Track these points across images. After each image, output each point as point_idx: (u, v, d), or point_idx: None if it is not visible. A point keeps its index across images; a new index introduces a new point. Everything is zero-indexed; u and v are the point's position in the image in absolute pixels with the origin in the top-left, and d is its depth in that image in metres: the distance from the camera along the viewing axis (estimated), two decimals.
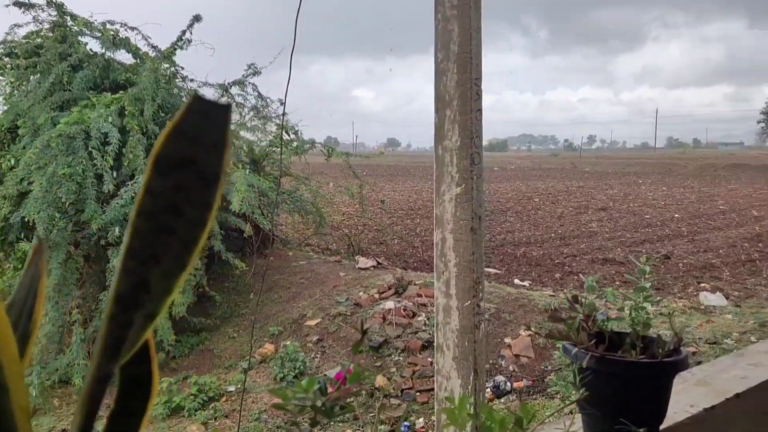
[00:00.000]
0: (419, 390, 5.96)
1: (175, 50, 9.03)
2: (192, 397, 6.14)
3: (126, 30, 8.69)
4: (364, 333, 0.70)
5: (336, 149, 10.87)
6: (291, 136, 10.23)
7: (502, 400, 5.64)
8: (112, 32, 8.58)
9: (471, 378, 2.14)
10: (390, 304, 7.22)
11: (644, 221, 16.02)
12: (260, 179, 8.61)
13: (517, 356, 6.25)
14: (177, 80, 9.10)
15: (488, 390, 5.71)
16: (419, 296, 7.44)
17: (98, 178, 7.09)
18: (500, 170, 42.20)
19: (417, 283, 7.85)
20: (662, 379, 1.18)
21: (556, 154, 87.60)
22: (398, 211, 17.45)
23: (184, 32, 9.03)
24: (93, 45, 8.67)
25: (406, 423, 5.48)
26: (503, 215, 17.39)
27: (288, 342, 7.03)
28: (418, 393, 5.93)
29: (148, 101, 7.70)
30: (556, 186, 27.52)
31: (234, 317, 8.31)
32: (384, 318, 6.98)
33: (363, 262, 9.29)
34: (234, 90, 9.60)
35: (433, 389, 2.20)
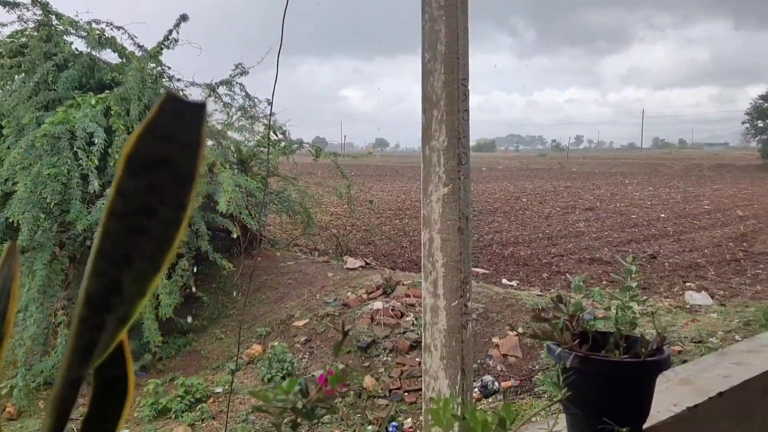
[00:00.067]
0: (407, 390, 5.96)
1: (162, 50, 8.98)
2: (179, 399, 6.10)
3: (112, 29, 8.62)
4: (345, 334, 0.69)
5: (324, 149, 10.87)
6: (279, 136, 10.21)
7: (490, 400, 5.66)
8: (98, 31, 8.51)
9: (458, 378, 2.14)
10: (378, 305, 7.21)
11: (631, 221, 16.14)
12: (248, 179, 8.58)
13: (505, 356, 6.27)
14: (163, 80, 9.04)
15: (476, 390, 5.72)
16: (407, 296, 7.44)
17: (84, 179, 7.03)
18: (488, 170, 42.35)
19: (405, 283, 7.85)
20: (645, 379, 1.19)
21: (544, 155, 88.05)
22: (387, 211, 17.46)
23: (171, 32, 8.98)
24: (78, 44, 8.61)
25: (394, 423, 5.48)
26: (491, 215, 17.44)
27: (276, 343, 7.00)
28: (406, 393, 5.93)
29: (134, 101, 7.65)
30: (544, 186, 27.66)
31: (221, 318, 8.27)
32: (372, 318, 6.98)
33: (351, 263, 9.28)
34: (221, 90, 9.56)
35: (421, 389, 2.21)
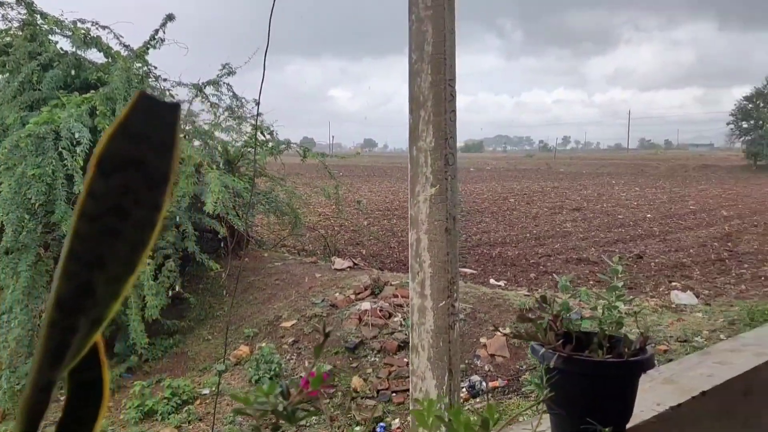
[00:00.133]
0: (395, 390, 5.96)
1: (148, 49, 8.93)
2: (165, 401, 6.06)
3: (97, 29, 8.57)
4: (327, 336, 0.69)
5: (312, 150, 10.85)
6: (266, 137, 10.18)
7: (478, 400, 5.67)
8: (83, 31, 8.45)
9: (445, 378, 2.14)
10: (366, 305, 7.21)
11: (617, 221, 16.25)
12: (235, 180, 8.55)
13: (493, 356, 6.29)
14: (150, 80, 8.99)
15: (464, 390, 5.73)
16: (395, 297, 7.44)
17: (69, 179, 6.97)
18: (476, 171, 42.49)
19: (393, 284, 7.85)
20: (628, 378, 1.20)
21: (532, 155, 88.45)
22: (375, 212, 17.47)
23: (157, 31, 8.93)
24: (64, 44, 8.55)
25: (382, 424, 5.47)
26: (479, 216, 17.50)
27: (263, 344, 6.97)
28: (394, 393, 5.93)
29: (120, 101, 7.59)
30: (531, 186, 27.80)
31: (208, 319, 8.23)
32: (360, 319, 6.97)
33: (339, 263, 9.26)
34: (209, 90, 9.52)
35: (409, 390, 2.21)
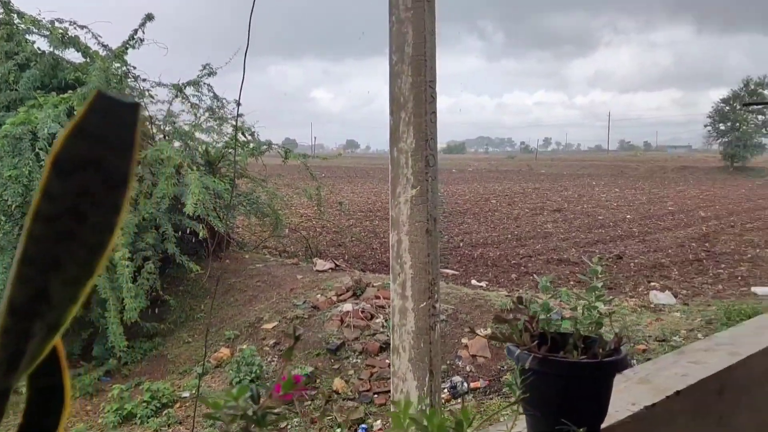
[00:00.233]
0: (377, 392, 5.95)
1: (127, 49, 8.84)
2: (144, 404, 5.99)
3: (75, 28, 8.48)
4: (297, 339, 0.69)
5: (294, 151, 10.80)
6: (247, 138, 10.11)
7: (459, 401, 5.68)
8: (61, 30, 8.35)
9: (426, 379, 2.14)
10: (348, 307, 7.19)
11: (597, 222, 16.41)
12: (215, 181, 8.49)
13: (474, 356, 6.31)
14: (129, 80, 8.90)
15: (445, 391, 5.74)
16: (377, 298, 7.44)
17: None
18: (458, 172, 42.66)
19: (375, 285, 7.84)
20: (603, 379, 1.21)
21: (513, 157, 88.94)
22: (357, 213, 17.45)
23: (136, 31, 8.84)
24: (41, 43, 8.44)
25: (364, 425, 5.46)
26: (461, 217, 17.56)
27: (244, 346, 6.93)
28: (376, 395, 5.92)
29: None
30: (513, 188, 27.99)
31: (189, 321, 8.15)
32: (342, 320, 6.95)
33: (321, 265, 9.23)
34: (189, 90, 9.45)
35: (391, 391, 2.20)
